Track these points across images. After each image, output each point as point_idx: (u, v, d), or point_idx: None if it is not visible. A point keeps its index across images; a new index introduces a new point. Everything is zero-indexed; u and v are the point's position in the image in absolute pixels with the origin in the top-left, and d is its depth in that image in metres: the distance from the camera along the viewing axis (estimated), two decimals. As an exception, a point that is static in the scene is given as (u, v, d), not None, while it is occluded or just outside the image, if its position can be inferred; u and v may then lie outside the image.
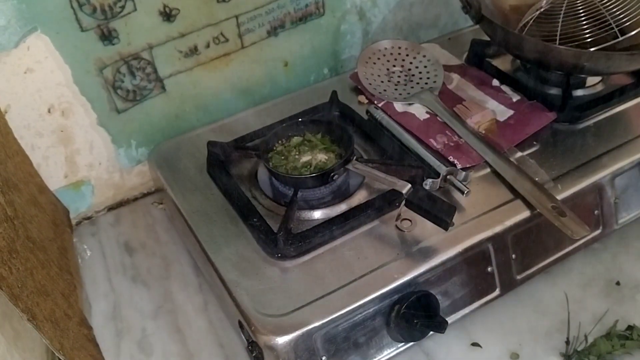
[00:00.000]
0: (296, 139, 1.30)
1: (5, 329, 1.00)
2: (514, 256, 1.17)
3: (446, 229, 1.07)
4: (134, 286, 1.34)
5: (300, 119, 1.33)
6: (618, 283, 1.26)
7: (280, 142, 1.29)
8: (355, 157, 1.21)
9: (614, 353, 1.14)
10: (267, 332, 1.01)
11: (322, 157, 1.25)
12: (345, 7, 1.58)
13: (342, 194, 1.22)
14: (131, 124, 1.43)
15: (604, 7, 1.34)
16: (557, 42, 1.32)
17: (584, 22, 1.34)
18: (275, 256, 1.12)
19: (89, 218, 1.51)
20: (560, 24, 1.34)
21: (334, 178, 1.20)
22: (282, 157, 1.26)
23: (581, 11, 1.35)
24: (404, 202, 1.13)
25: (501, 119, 1.35)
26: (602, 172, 1.23)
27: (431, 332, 1.11)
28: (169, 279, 1.34)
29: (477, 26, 1.42)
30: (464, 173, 1.20)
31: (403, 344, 1.13)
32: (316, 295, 1.05)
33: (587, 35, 1.33)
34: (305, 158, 1.26)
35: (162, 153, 1.39)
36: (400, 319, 1.06)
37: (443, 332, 1.08)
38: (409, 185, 1.11)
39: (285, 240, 1.10)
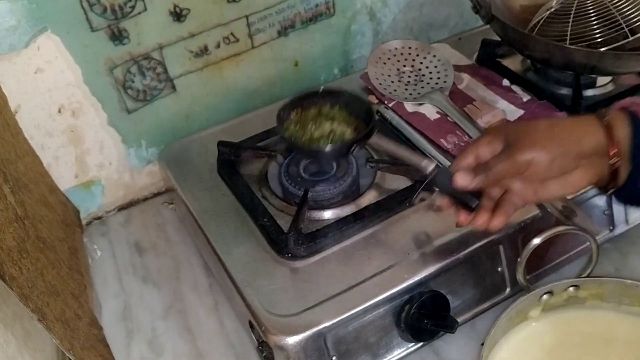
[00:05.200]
0: (312, 111, 1.28)
1: (15, 329, 1.00)
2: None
3: (471, 210, 1.06)
4: (144, 286, 1.34)
5: (316, 90, 1.31)
6: (629, 283, 1.26)
7: (296, 112, 1.27)
8: (377, 129, 1.21)
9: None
10: (277, 332, 1.01)
11: (340, 130, 1.24)
12: (355, 7, 1.58)
13: (352, 194, 1.22)
14: (141, 124, 1.43)
15: (615, 7, 1.33)
16: (568, 42, 1.32)
17: (594, 22, 1.34)
18: (285, 256, 1.12)
19: (99, 218, 1.51)
20: (570, 24, 1.33)
21: (352, 152, 1.19)
22: (298, 129, 1.25)
23: (591, 11, 1.34)
24: (424, 184, 1.13)
25: (511, 119, 1.34)
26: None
27: (441, 332, 1.12)
28: (179, 279, 1.35)
29: (488, 26, 1.42)
30: (474, 173, 1.20)
31: (413, 344, 1.13)
32: (326, 295, 1.05)
33: (598, 35, 1.33)
34: (322, 130, 1.24)
35: (173, 153, 1.40)
36: (411, 319, 1.06)
37: (453, 332, 1.08)
38: (435, 164, 1.11)
39: (295, 240, 1.11)
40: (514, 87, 1.43)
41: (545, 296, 1.10)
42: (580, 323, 1.13)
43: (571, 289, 1.11)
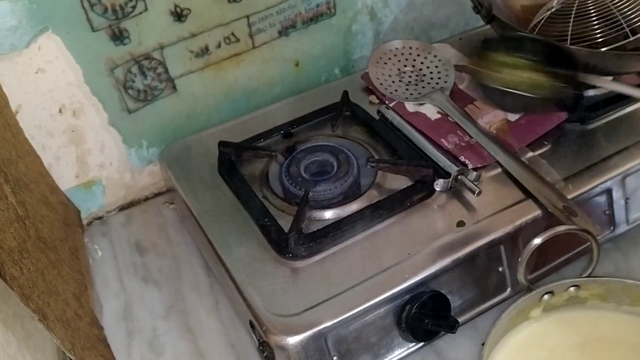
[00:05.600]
0: (502, 56, 1.17)
1: (16, 329, 1.00)
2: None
3: None
4: (145, 286, 1.34)
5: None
6: (630, 283, 1.26)
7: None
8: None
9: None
10: (278, 332, 1.01)
11: (539, 79, 1.13)
12: (356, 7, 1.58)
13: (353, 194, 1.22)
14: (142, 124, 1.43)
15: (615, 7, 1.33)
16: (568, 42, 1.32)
17: (595, 22, 1.34)
18: (286, 256, 1.12)
19: (100, 218, 1.51)
20: (571, 24, 1.34)
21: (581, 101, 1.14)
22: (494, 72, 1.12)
23: (592, 11, 1.34)
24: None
25: (512, 119, 1.34)
26: (613, 172, 1.23)
27: (442, 332, 1.12)
28: (180, 279, 1.35)
29: (488, 26, 1.42)
30: (475, 173, 1.20)
31: (414, 344, 1.13)
32: (327, 295, 1.05)
33: (598, 35, 1.33)
34: (528, 77, 1.13)
35: (173, 153, 1.40)
36: (412, 319, 1.06)
37: (454, 332, 1.08)
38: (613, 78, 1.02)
39: (296, 240, 1.10)
40: (515, 87, 1.43)
41: (546, 296, 1.10)
42: (582, 323, 1.13)
43: (572, 289, 1.11)
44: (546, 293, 1.10)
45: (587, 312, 1.14)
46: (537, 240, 1.10)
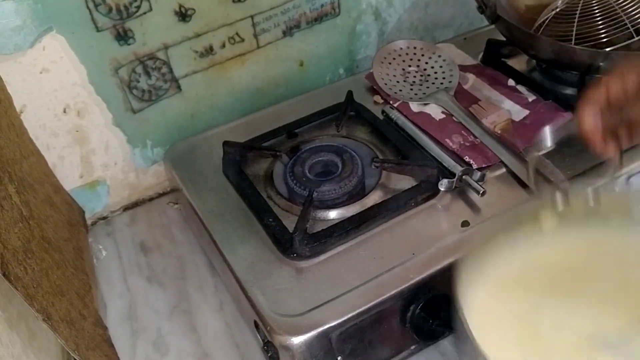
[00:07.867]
0: None
1: (20, 329, 1.00)
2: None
3: None
4: (150, 286, 1.34)
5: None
6: (634, 284, 1.25)
7: None
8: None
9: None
10: (282, 332, 1.01)
11: None
12: (360, 7, 1.58)
13: (358, 194, 1.22)
14: (147, 124, 1.43)
15: (620, 7, 1.33)
16: (573, 42, 1.32)
17: (600, 22, 1.34)
18: (290, 256, 1.12)
19: (104, 218, 1.51)
20: (575, 24, 1.33)
21: None
22: None
23: (597, 11, 1.34)
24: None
25: (517, 119, 1.34)
26: (617, 172, 1.23)
27: (447, 333, 1.11)
28: (185, 279, 1.35)
29: (493, 26, 1.42)
30: (479, 173, 1.20)
31: (419, 344, 1.13)
32: (332, 295, 1.05)
33: (603, 35, 1.33)
34: None
35: (178, 153, 1.40)
36: (416, 319, 1.06)
37: (458, 333, 1.08)
38: None
39: (300, 240, 1.10)
40: (519, 87, 1.43)
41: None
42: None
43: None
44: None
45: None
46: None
